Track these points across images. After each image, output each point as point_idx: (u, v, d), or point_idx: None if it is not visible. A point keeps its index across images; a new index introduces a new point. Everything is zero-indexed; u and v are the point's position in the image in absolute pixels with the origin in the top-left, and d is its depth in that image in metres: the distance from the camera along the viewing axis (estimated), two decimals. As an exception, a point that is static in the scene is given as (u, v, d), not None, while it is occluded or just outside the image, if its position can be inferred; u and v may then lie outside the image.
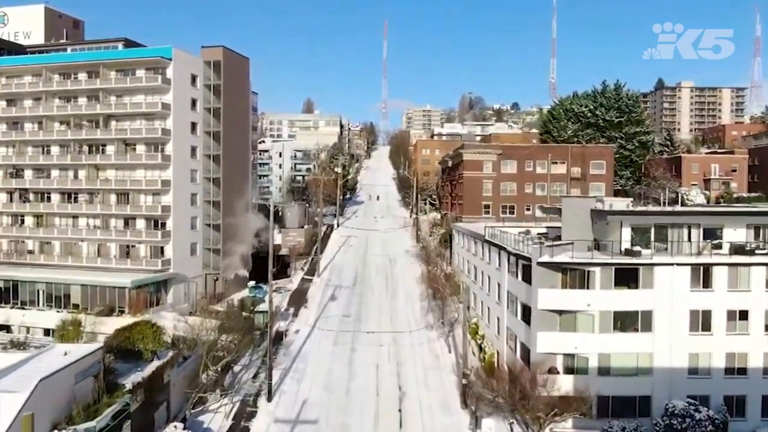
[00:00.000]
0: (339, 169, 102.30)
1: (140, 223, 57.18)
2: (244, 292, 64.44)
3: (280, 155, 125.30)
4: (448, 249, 74.82)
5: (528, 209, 77.29)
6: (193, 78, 59.33)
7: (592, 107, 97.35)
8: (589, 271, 33.51)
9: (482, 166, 77.02)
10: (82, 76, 58.59)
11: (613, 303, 33.40)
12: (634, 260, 33.33)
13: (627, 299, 33.45)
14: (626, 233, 35.49)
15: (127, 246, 57.35)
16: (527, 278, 35.31)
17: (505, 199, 77.00)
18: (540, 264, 33.34)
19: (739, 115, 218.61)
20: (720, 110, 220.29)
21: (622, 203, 42.89)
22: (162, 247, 56.49)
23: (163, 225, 56.60)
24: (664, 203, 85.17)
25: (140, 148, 57.05)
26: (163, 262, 55.29)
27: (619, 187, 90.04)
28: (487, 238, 47.03)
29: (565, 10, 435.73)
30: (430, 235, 77.22)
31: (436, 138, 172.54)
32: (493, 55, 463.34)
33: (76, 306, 52.44)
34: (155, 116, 56.30)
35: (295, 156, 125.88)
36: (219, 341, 45.89)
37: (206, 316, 51.62)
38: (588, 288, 33.51)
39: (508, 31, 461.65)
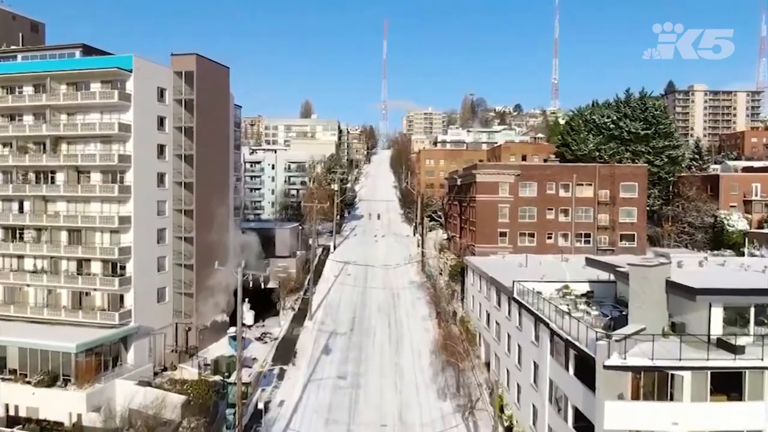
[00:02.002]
0: (336, 186, 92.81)
1: (96, 266, 47.82)
2: (223, 341, 55.20)
3: (273, 167, 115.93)
4: (459, 283, 65.60)
5: (550, 237, 68.12)
6: (161, 92, 49.98)
7: (615, 118, 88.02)
8: (673, 375, 24.25)
9: (498, 188, 67.67)
10: (28, 89, 49.27)
11: (708, 421, 24.09)
12: (740, 362, 24.01)
13: (727, 415, 24.15)
14: (716, 315, 26.22)
15: (81, 293, 47.99)
16: (585, 379, 25.99)
17: (524, 226, 67.70)
18: (608, 367, 24.01)
19: (755, 119, 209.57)
20: (735, 114, 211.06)
21: (693, 260, 33.68)
22: (121, 295, 47.14)
23: (122, 269, 47.24)
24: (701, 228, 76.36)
25: (95, 177, 47.70)
26: (122, 315, 45.93)
27: (647, 208, 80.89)
28: (515, 296, 37.73)
29: (567, 11, 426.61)
30: (440, 273, 67.92)
31: (439, 145, 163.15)
32: (494, 55, 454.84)
33: (13, 371, 43.20)
34: (113, 139, 46.95)
35: (288, 168, 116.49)
36: (181, 428, 36.94)
37: (171, 385, 42.53)
38: (672, 399, 24.25)
39: (509, 31, 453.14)
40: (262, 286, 65.17)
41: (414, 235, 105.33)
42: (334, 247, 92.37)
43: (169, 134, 50.95)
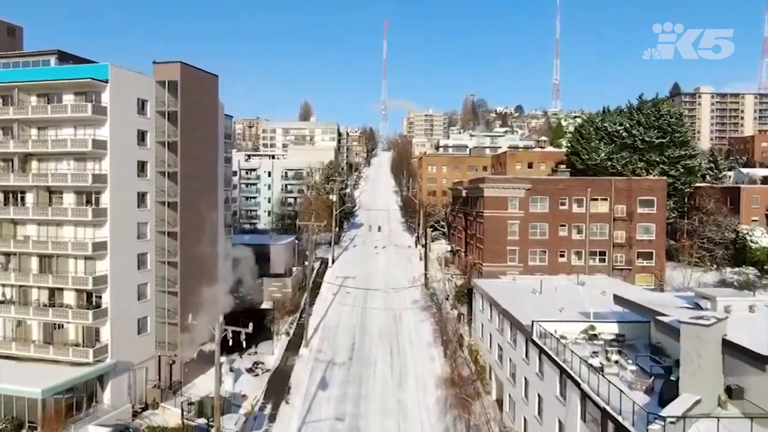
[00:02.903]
0: (335, 197, 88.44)
1: (69, 296, 43.51)
2: (212, 374, 50.55)
3: (269, 175, 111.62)
4: (466, 304, 61.32)
5: (562, 255, 63.83)
6: (142, 104, 45.63)
7: (627, 126, 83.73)
8: (740, 463, 19.99)
9: (507, 203, 63.39)
10: (-4, 101, 44.98)
11: None
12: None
13: None
14: (785, 382, 21.93)
15: (53, 326, 43.67)
16: (630, 461, 21.69)
17: (535, 244, 63.41)
18: (663, 457, 19.73)
19: (763, 122, 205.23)
20: (743, 117, 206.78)
21: (741, 303, 29.31)
22: (97, 329, 42.81)
23: (98, 299, 42.91)
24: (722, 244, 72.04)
25: (68, 198, 43.35)
26: (97, 351, 41.59)
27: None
28: (535, 339, 33.43)
29: (568, 11, 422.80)
30: (447, 298, 63.52)
31: (441, 150, 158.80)
32: (495, 55, 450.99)
33: (-25, 416, 38.88)
34: (87, 156, 42.62)
35: (285, 175, 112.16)
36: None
37: (149, 433, 38.18)
38: (740, 492, 19.97)
39: (509, 31, 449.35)
40: (243, 327, 60.97)
41: (416, 246, 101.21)
42: (333, 261, 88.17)
43: (151, 150, 46.60)
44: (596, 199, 63.84)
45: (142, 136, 45.73)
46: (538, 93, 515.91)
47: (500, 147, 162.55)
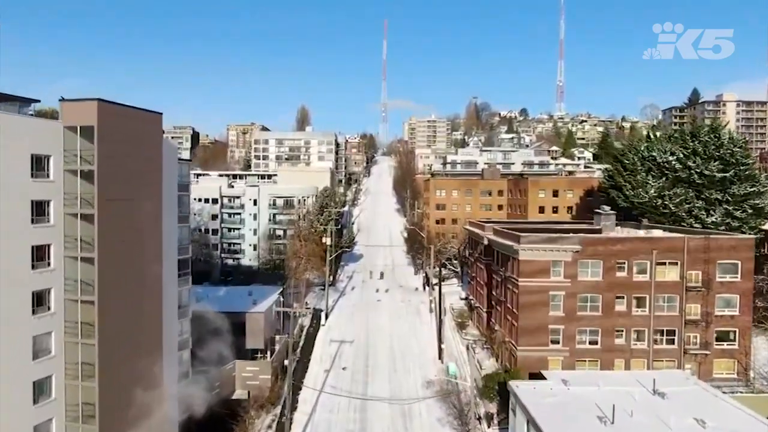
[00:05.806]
0: (329, 240, 74.00)
1: (-77, 454, 29.23)
2: None
3: (255, 203, 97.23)
4: (496, 402, 47.21)
5: (619, 335, 49.39)
6: (40, 162, 31.33)
7: (681, 156, 69.42)
8: None
9: (549, 269, 48.92)
10: None
11: None
12: None
13: None
14: None
15: None
16: None
17: (585, 321, 48.92)
18: None
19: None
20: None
21: None
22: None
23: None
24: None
25: None
26: None
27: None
28: None
29: (570, 11, 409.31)
30: (477, 417, 48.16)
31: (449, 166, 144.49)
32: (497, 55, 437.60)
33: None
34: (-54, 247, 28.37)
35: (274, 204, 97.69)
36: None
37: None
38: None
39: (510, 31, 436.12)
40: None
41: (424, 289, 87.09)
42: (327, 315, 73.79)
43: (57, 226, 32.28)
44: (663, 263, 49.38)
45: (39, 209, 31.35)
46: (541, 94, 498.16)
47: (513, 163, 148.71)
